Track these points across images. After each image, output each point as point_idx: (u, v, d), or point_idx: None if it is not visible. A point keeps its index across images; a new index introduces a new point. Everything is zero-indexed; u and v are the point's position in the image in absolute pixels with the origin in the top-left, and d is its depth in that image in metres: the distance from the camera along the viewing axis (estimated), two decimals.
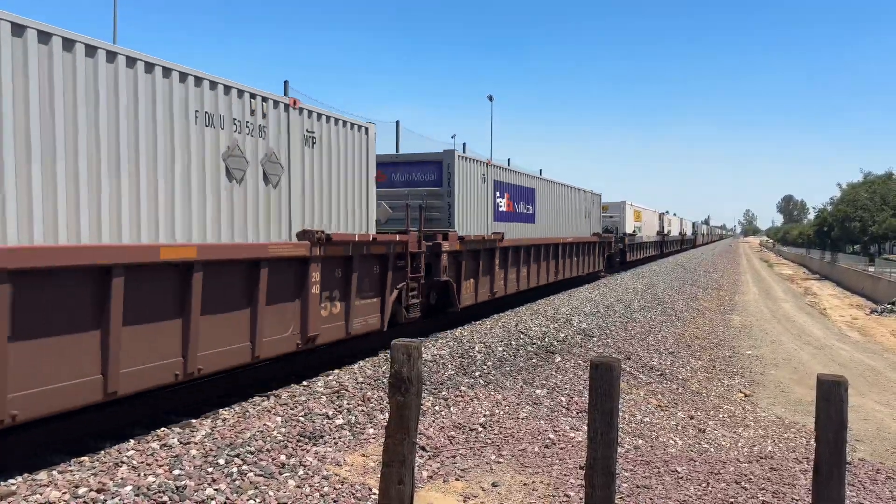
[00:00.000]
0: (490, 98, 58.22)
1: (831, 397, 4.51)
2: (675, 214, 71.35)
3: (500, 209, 18.83)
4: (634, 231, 43.58)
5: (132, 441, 7.20)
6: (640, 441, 9.13)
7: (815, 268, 62.83)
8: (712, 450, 9.27)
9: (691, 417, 10.94)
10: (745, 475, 7.84)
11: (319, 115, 10.67)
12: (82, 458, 6.65)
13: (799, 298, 35.84)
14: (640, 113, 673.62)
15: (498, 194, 18.72)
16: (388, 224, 14.54)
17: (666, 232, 60.55)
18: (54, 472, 6.26)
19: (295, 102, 10.07)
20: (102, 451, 6.86)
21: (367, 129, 11.99)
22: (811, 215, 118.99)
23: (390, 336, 11.50)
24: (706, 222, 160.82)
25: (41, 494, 5.75)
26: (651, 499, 6.79)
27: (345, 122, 11.36)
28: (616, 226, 39.31)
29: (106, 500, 5.68)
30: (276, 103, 9.64)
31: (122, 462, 6.54)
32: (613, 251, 36.72)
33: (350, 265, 10.98)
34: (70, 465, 6.48)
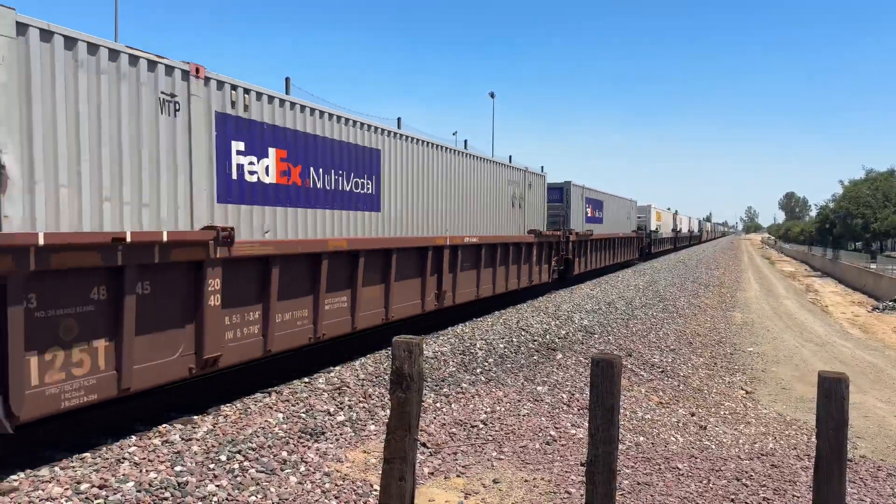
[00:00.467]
0: (492, 95, 57.86)
1: (832, 395, 4.51)
2: (677, 213, 75.14)
3: (588, 215, 29.39)
4: (657, 228, 52.99)
5: (134, 437, 7.20)
6: (642, 438, 9.14)
7: (816, 265, 62.73)
8: (713, 447, 9.28)
9: (692, 414, 10.94)
10: (747, 472, 7.84)
11: (532, 173, 21.09)
12: (84, 455, 6.66)
13: (800, 295, 35.80)
14: (641, 112, 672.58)
15: (586, 205, 29.15)
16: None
17: (679, 229, 71.15)
18: (56, 469, 6.27)
19: (528, 169, 20.60)
20: (104, 448, 6.87)
21: (545, 176, 22.71)
22: (813, 212, 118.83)
23: (553, 285, 24.38)
24: (708, 219, 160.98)
25: (43, 490, 5.76)
26: (652, 496, 6.80)
27: (538, 175, 21.79)
28: (645, 224, 48.29)
29: (108, 497, 5.69)
30: (524, 171, 20.16)
31: (124, 458, 6.55)
32: (644, 244, 46.61)
33: (541, 246, 21.54)
34: (72, 462, 6.48)
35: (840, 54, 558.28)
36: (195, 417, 8.03)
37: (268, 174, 8.87)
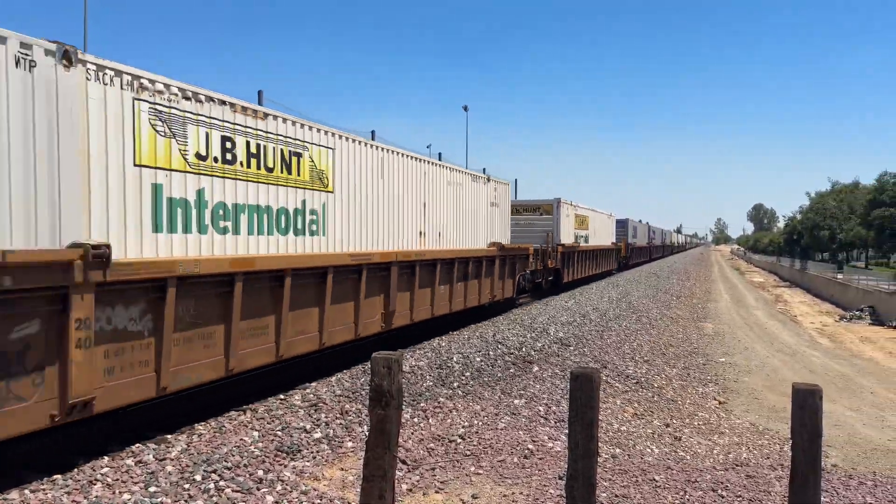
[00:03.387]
0: (465, 108, 58.53)
1: (806, 405, 4.59)
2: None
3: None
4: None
5: (106, 458, 7.07)
6: (618, 450, 9.19)
7: (785, 275, 63.86)
8: (689, 457, 9.36)
9: (667, 425, 11.04)
10: (722, 483, 7.92)
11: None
12: (55, 476, 6.51)
13: (770, 306, 36.39)
14: (613, 124, 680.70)
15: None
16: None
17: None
18: (26, 491, 6.12)
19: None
20: (76, 469, 6.73)
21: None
22: (781, 223, 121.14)
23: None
24: (679, 231, 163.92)
25: None
26: None
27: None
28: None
29: None
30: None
31: (97, 479, 6.42)
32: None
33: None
34: (43, 484, 6.34)
35: (807, 67, 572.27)
36: (169, 437, 7.91)
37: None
